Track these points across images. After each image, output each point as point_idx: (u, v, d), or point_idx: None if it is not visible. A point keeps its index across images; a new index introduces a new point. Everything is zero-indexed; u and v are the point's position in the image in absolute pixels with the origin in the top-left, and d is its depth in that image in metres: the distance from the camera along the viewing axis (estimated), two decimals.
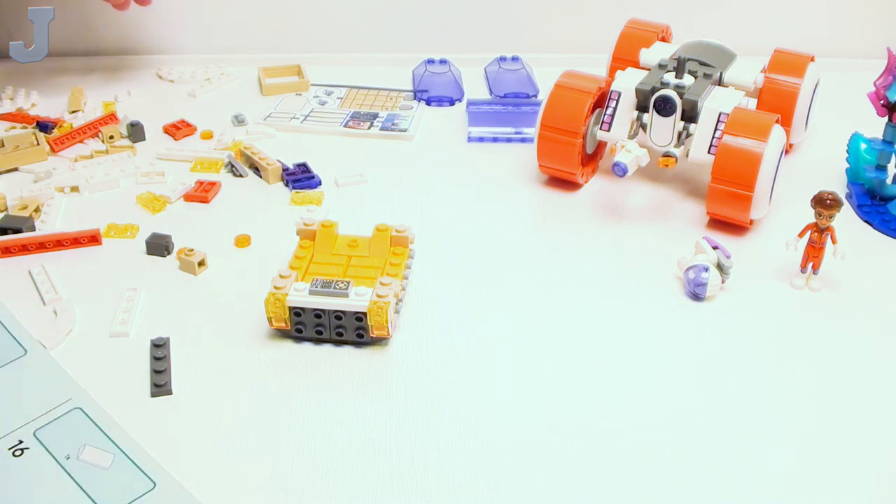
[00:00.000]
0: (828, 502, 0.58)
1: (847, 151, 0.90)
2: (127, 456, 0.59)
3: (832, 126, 0.98)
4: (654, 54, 0.94)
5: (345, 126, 1.02)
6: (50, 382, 0.65)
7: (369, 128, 1.01)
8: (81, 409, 0.62)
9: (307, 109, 1.05)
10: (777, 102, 0.91)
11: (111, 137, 0.97)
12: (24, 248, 0.78)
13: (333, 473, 0.59)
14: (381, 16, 1.20)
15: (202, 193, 0.88)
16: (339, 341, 0.70)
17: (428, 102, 1.07)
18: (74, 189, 0.88)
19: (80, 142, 0.97)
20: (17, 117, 1.02)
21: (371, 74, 1.13)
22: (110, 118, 1.01)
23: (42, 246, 0.78)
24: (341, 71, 1.14)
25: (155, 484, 0.57)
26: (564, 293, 0.76)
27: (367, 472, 0.59)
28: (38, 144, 0.94)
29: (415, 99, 1.07)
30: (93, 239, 0.80)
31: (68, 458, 0.59)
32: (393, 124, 1.02)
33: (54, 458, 0.59)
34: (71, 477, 0.57)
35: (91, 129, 0.98)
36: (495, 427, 0.63)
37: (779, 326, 0.73)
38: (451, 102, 1.07)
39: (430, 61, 1.14)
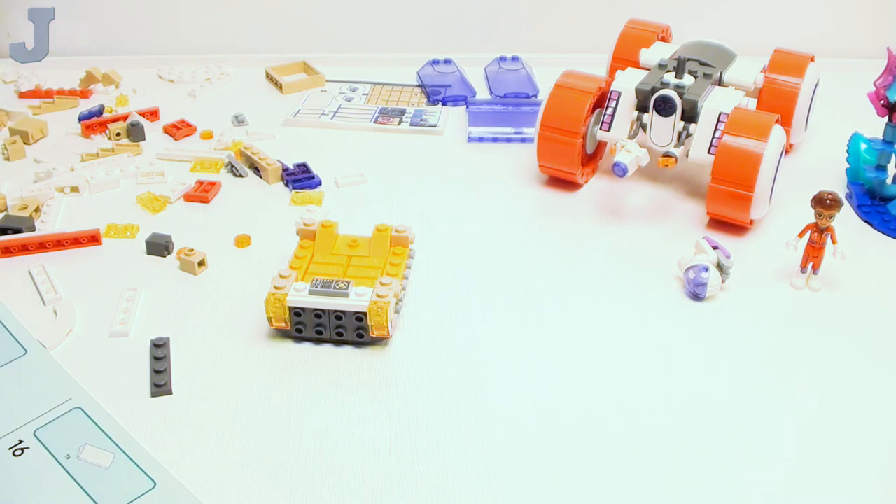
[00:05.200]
0: (828, 502, 0.58)
1: (847, 151, 0.90)
2: (127, 455, 0.59)
3: (832, 126, 0.98)
4: (654, 54, 0.94)
5: (375, 122, 1.02)
6: (50, 382, 0.65)
7: (399, 123, 1.02)
8: (81, 408, 0.63)
9: (335, 105, 1.06)
10: (777, 102, 0.91)
11: (118, 135, 0.97)
12: (24, 248, 0.78)
13: (333, 473, 0.59)
14: (381, 16, 1.20)
15: (202, 193, 0.88)
16: (339, 341, 0.70)
17: (444, 102, 1.07)
18: (74, 189, 0.88)
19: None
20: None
21: (371, 74, 1.13)
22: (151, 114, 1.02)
23: (42, 246, 0.78)
24: (341, 71, 1.14)
25: (155, 483, 0.57)
26: (564, 293, 0.76)
27: (366, 471, 0.59)
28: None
29: (429, 101, 1.07)
30: (93, 239, 0.80)
31: (68, 458, 0.59)
32: (422, 119, 1.02)
33: (54, 457, 0.59)
34: (71, 476, 0.57)
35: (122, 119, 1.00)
36: (495, 427, 0.63)
37: (779, 326, 0.73)
38: (466, 102, 1.07)
39: (436, 62, 1.14)
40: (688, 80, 0.84)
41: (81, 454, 0.59)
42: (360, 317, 0.68)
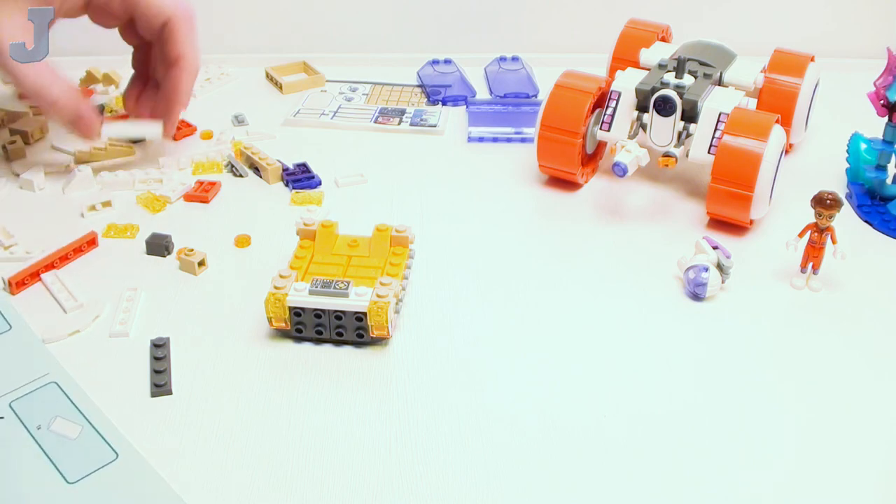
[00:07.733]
0: (828, 502, 0.58)
1: (847, 151, 0.90)
2: (94, 428, 0.61)
3: (832, 126, 0.98)
4: (654, 54, 0.94)
5: (375, 122, 1.02)
6: (30, 357, 0.67)
7: (399, 123, 1.02)
8: (57, 383, 0.64)
9: (335, 105, 1.06)
10: (777, 102, 0.91)
11: None
12: (36, 276, 0.77)
13: (333, 473, 0.59)
14: (381, 16, 1.20)
15: (202, 193, 0.88)
16: (339, 341, 0.70)
17: (444, 102, 1.07)
18: (106, 204, 0.86)
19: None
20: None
21: (371, 74, 1.13)
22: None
23: (51, 266, 0.77)
24: (341, 71, 1.14)
25: (118, 455, 0.59)
26: (564, 293, 0.76)
27: (366, 471, 0.59)
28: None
29: (429, 101, 1.07)
30: (91, 243, 0.80)
31: (39, 429, 0.61)
32: (422, 120, 1.02)
33: (26, 427, 0.61)
34: (39, 446, 0.60)
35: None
36: (495, 427, 0.63)
37: (779, 326, 0.73)
38: (466, 102, 1.07)
39: (436, 62, 1.14)
40: (688, 80, 0.84)
41: (51, 426, 0.61)
42: (360, 317, 0.68)
